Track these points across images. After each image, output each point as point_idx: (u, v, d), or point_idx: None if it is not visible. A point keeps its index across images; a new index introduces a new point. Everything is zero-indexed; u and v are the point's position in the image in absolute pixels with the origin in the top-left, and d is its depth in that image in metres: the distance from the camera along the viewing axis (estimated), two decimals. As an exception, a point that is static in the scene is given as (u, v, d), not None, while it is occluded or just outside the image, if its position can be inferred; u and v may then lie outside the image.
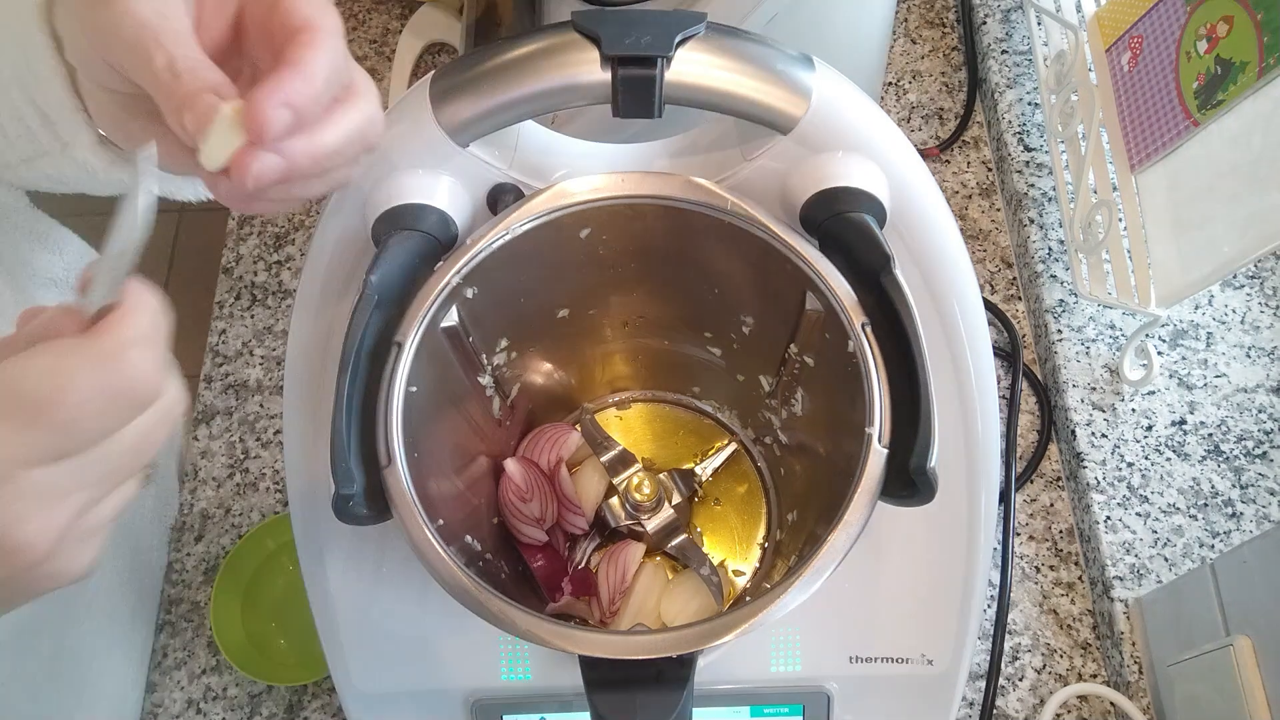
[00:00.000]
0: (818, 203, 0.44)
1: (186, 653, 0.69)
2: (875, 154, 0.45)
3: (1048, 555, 0.68)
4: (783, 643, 0.51)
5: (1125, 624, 0.63)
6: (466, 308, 0.46)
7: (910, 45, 0.88)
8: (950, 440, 0.48)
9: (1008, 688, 0.65)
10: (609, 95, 0.42)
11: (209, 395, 0.77)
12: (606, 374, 0.60)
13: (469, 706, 0.52)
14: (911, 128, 0.85)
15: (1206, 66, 0.61)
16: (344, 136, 0.34)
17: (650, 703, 0.39)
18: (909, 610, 0.51)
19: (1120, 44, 0.71)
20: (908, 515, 0.48)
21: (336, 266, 0.47)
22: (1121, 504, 0.66)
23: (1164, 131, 0.65)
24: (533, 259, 0.46)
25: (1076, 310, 0.73)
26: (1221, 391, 0.69)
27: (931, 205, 0.47)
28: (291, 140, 0.32)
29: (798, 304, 0.46)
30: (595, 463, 0.57)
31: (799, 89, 0.43)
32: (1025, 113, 0.81)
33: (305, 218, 0.83)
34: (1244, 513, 0.65)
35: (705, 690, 0.51)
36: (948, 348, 0.47)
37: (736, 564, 0.57)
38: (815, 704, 0.52)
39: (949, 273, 0.47)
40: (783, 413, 0.55)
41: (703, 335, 0.55)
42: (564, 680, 0.51)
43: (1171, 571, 0.64)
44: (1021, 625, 0.66)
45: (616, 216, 0.46)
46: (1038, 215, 0.76)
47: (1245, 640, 0.52)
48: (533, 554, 0.54)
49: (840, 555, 0.39)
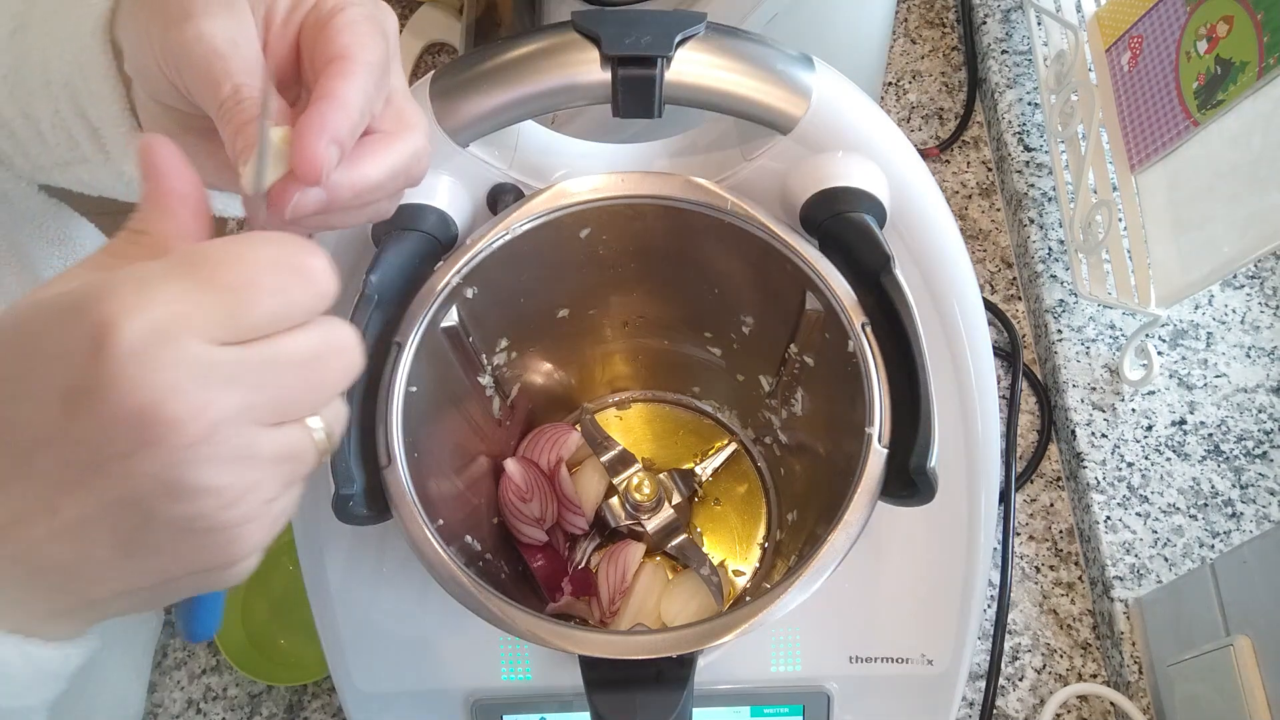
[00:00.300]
0: (818, 203, 0.44)
1: (186, 652, 0.69)
2: (875, 154, 0.45)
3: (1048, 555, 0.68)
4: (783, 643, 0.51)
5: (1125, 624, 0.63)
6: (466, 308, 0.46)
7: (910, 45, 0.88)
8: (950, 440, 0.48)
9: (1008, 688, 0.65)
10: (609, 95, 0.42)
11: None
12: (606, 374, 0.60)
13: (469, 706, 0.52)
14: (911, 128, 0.85)
15: (1206, 66, 0.61)
16: (388, 171, 0.33)
17: (650, 703, 0.39)
18: (909, 610, 0.51)
19: (1120, 44, 0.71)
20: (908, 515, 0.48)
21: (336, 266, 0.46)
22: (1121, 504, 0.66)
23: (1164, 131, 0.65)
24: (533, 259, 0.46)
25: (1076, 310, 0.73)
26: (1221, 391, 0.69)
27: (931, 205, 0.47)
28: (334, 173, 0.32)
29: (798, 304, 0.46)
30: (595, 463, 0.57)
31: (799, 89, 0.43)
32: (1025, 113, 0.81)
33: (305, 218, 0.83)
34: (1244, 513, 0.65)
35: (705, 690, 0.51)
36: (948, 348, 0.47)
37: (736, 564, 0.57)
38: (815, 704, 0.52)
39: (949, 273, 0.47)
40: (783, 413, 0.55)
41: (703, 335, 0.55)
42: (564, 680, 0.51)
43: (1171, 571, 0.64)
44: (1021, 625, 0.66)
45: (616, 216, 0.46)
46: (1038, 215, 0.76)
47: (1245, 640, 0.52)
48: (533, 554, 0.54)
49: (840, 555, 0.39)
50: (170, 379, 0.23)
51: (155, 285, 0.24)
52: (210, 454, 0.24)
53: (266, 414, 0.26)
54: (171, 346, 0.23)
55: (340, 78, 0.31)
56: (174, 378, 0.23)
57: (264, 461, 0.26)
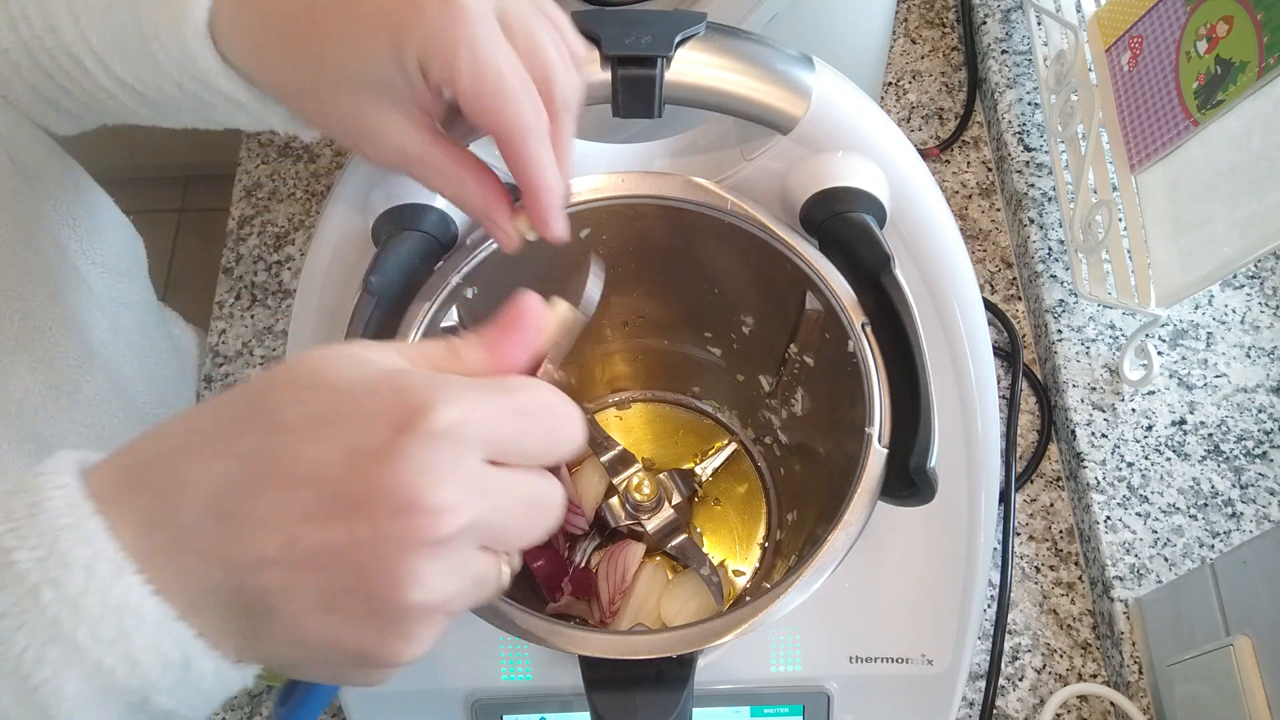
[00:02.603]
0: (818, 203, 0.44)
1: (186, 653, 0.69)
2: (875, 154, 0.45)
3: (1048, 555, 0.68)
4: (783, 643, 0.51)
5: (1125, 624, 0.63)
6: (466, 308, 0.46)
7: (910, 45, 0.88)
8: (950, 440, 0.48)
9: (1008, 688, 0.65)
10: (609, 95, 0.42)
11: (209, 395, 0.77)
12: (606, 374, 0.60)
13: (469, 706, 0.52)
14: (911, 128, 0.85)
15: (1206, 66, 0.61)
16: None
17: (650, 703, 0.39)
18: (909, 610, 0.51)
19: (1120, 44, 0.71)
20: (908, 515, 0.48)
21: (336, 266, 0.47)
22: (1121, 504, 0.66)
23: (1164, 131, 0.65)
24: (533, 259, 0.46)
25: (1076, 310, 0.73)
26: (1221, 391, 0.69)
27: (931, 205, 0.47)
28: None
29: (798, 304, 0.46)
30: (595, 463, 0.57)
31: (799, 89, 0.43)
32: (1025, 113, 0.81)
33: (305, 218, 0.83)
34: (1244, 513, 0.65)
35: (705, 690, 0.51)
36: (948, 348, 0.47)
37: (736, 564, 0.57)
38: (815, 704, 0.52)
39: (949, 273, 0.47)
40: (783, 413, 0.55)
41: (703, 335, 0.55)
42: (564, 680, 0.51)
43: (1171, 571, 0.64)
44: (1021, 625, 0.66)
45: (616, 216, 0.46)
46: (1038, 215, 0.76)
47: (1245, 640, 0.52)
48: (533, 554, 0.54)
49: (840, 555, 0.39)
50: (448, 475, 0.26)
51: (471, 397, 0.27)
52: (438, 551, 0.26)
53: (488, 536, 0.28)
54: (461, 450, 0.26)
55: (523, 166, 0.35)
56: (450, 475, 0.26)
57: (467, 578, 0.28)
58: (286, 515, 0.26)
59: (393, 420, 0.26)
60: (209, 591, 0.27)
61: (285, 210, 0.83)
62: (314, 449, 0.26)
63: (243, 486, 0.26)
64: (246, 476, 0.26)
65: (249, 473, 0.26)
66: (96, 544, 0.26)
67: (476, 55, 0.32)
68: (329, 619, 0.27)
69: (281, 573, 0.26)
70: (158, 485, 0.27)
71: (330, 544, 0.26)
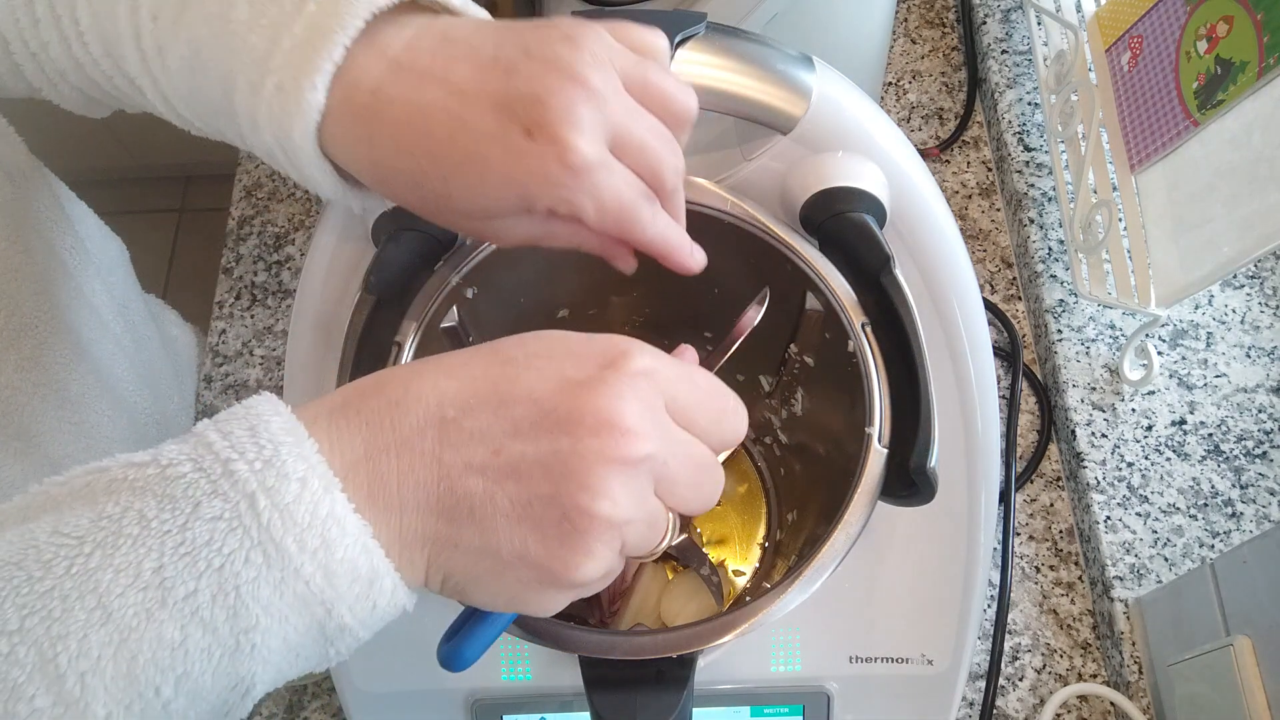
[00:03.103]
0: (817, 202, 0.44)
1: (186, 653, 0.69)
2: (875, 154, 0.45)
3: (1048, 555, 0.68)
4: (783, 643, 0.51)
5: (1125, 624, 0.63)
6: (466, 308, 0.46)
7: (910, 45, 0.88)
8: (950, 440, 0.48)
9: (1008, 688, 0.65)
10: (609, 95, 0.42)
11: (209, 395, 0.77)
12: (606, 374, 0.60)
13: (469, 706, 0.52)
14: (911, 128, 0.85)
15: (1206, 66, 0.61)
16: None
17: (650, 703, 0.39)
18: (909, 610, 0.51)
19: (1120, 44, 0.71)
20: (908, 515, 0.48)
21: (336, 266, 0.47)
22: (1121, 504, 0.66)
23: (1164, 131, 0.65)
24: (532, 259, 0.46)
25: (1076, 310, 0.73)
26: (1221, 391, 0.69)
27: (931, 205, 0.47)
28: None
29: (798, 304, 0.46)
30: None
31: (799, 89, 0.43)
32: (1025, 113, 0.81)
33: (305, 218, 0.83)
34: (1244, 513, 0.65)
35: (705, 690, 0.51)
36: (948, 348, 0.47)
37: (736, 564, 0.57)
38: (815, 704, 0.52)
39: (949, 273, 0.47)
40: (783, 413, 0.55)
41: (703, 335, 0.55)
42: (564, 680, 0.51)
43: (1171, 571, 0.64)
44: (1021, 625, 0.66)
45: (616, 216, 0.46)
46: (1038, 215, 0.76)
47: (1245, 640, 0.52)
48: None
49: (840, 555, 0.39)
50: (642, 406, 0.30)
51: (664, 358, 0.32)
52: (626, 469, 0.30)
53: (662, 479, 0.31)
54: (653, 391, 0.31)
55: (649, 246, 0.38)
56: (644, 408, 0.30)
57: (644, 510, 0.31)
58: (498, 428, 0.30)
59: (600, 359, 0.31)
60: (420, 489, 0.30)
61: (285, 210, 0.83)
62: (530, 375, 0.31)
63: (462, 401, 0.30)
64: (467, 394, 0.30)
65: (470, 392, 0.30)
66: (311, 460, 0.28)
67: (600, 198, 0.35)
68: (520, 527, 0.30)
69: (486, 478, 0.30)
70: (390, 395, 0.30)
71: (533, 455, 0.29)
